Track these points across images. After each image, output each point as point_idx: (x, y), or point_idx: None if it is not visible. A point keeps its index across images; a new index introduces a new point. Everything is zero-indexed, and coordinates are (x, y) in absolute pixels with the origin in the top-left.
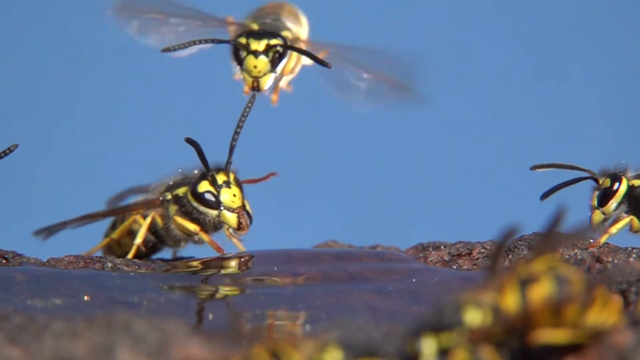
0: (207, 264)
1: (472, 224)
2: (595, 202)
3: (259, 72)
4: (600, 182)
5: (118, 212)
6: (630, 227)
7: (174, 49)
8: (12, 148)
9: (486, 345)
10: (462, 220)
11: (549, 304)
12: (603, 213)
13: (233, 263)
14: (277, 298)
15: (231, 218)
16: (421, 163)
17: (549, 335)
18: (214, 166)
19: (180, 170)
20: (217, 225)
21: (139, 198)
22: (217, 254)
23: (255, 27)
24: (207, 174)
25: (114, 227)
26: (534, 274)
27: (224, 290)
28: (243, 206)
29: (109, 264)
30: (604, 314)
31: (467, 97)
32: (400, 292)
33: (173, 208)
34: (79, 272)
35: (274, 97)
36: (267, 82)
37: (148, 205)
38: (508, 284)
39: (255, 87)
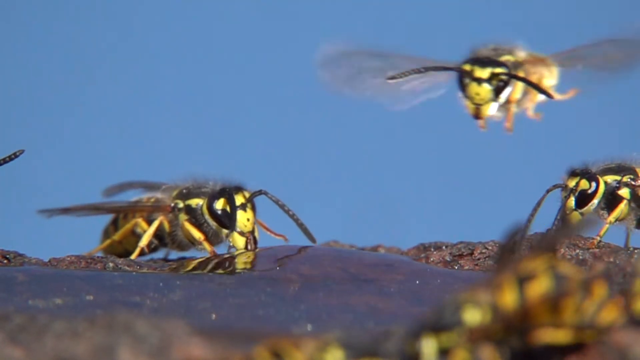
0: (208, 263)
1: (474, 224)
2: (571, 204)
3: (481, 99)
4: (573, 184)
5: (126, 209)
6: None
7: (399, 77)
8: (17, 153)
9: (486, 345)
10: (464, 220)
11: (547, 300)
12: (582, 214)
13: (235, 262)
14: (278, 298)
15: (240, 241)
16: (422, 163)
17: (551, 336)
18: (234, 185)
19: (193, 177)
20: (221, 240)
21: (144, 195)
22: (219, 253)
23: (482, 54)
24: (227, 192)
25: (114, 223)
26: (531, 271)
27: (226, 290)
28: (253, 231)
29: (111, 264)
30: (604, 310)
31: None
32: (402, 293)
33: (183, 217)
34: (80, 272)
35: (508, 124)
36: (488, 110)
37: (158, 209)
38: (506, 282)
39: (477, 115)
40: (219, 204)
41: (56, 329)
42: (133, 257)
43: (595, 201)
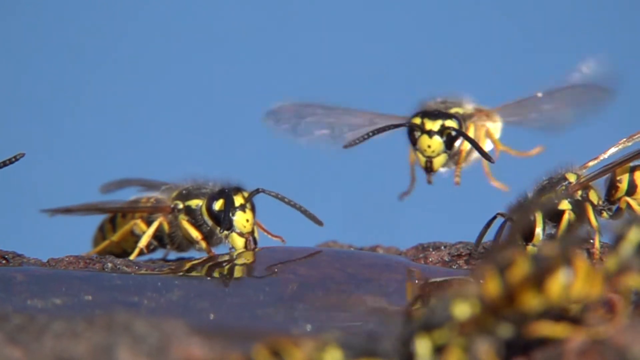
0: (207, 263)
1: (472, 224)
2: (520, 241)
3: (433, 152)
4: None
5: (126, 210)
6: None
7: (354, 143)
8: (17, 157)
9: (481, 340)
10: (462, 220)
11: (528, 281)
12: (534, 245)
13: (234, 262)
14: (277, 298)
15: (239, 242)
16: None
17: (547, 328)
18: (234, 186)
19: (193, 178)
20: (220, 241)
21: (143, 195)
22: (218, 254)
23: (430, 106)
24: (225, 193)
25: (112, 221)
26: (510, 258)
27: (225, 290)
28: (252, 231)
29: (109, 265)
30: (588, 285)
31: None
32: (401, 292)
33: (183, 218)
34: (79, 273)
35: (457, 179)
36: (440, 163)
37: (158, 210)
38: (487, 272)
39: (429, 167)
40: (218, 205)
41: (55, 329)
42: (132, 257)
43: (538, 230)
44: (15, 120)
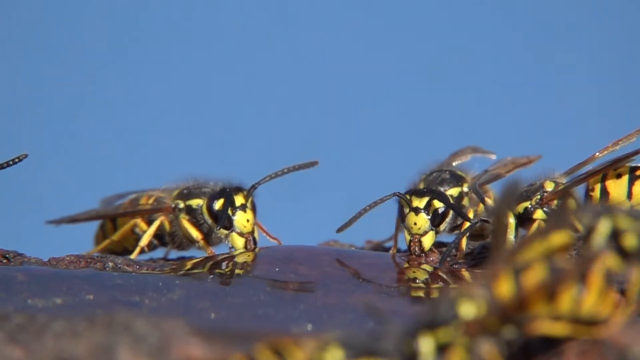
0: (208, 263)
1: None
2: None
3: (419, 229)
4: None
5: (129, 214)
6: None
7: (346, 227)
8: (21, 157)
9: (484, 340)
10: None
11: (542, 289)
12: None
13: (234, 262)
14: (277, 297)
15: (239, 242)
16: (421, 163)
17: (547, 327)
18: (234, 185)
19: (194, 177)
20: (220, 240)
21: (144, 194)
22: (218, 253)
23: (421, 185)
24: (226, 192)
25: (112, 220)
26: (527, 262)
27: (225, 290)
28: (252, 231)
29: (110, 264)
30: (599, 305)
31: (465, 97)
32: (401, 292)
33: (184, 218)
34: (80, 272)
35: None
36: (429, 242)
37: (159, 210)
38: (502, 272)
39: (415, 247)
40: (219, 204)
41: (56, 329)
42: (133, 256)
43: (510, 237)
44: (17, 121)
